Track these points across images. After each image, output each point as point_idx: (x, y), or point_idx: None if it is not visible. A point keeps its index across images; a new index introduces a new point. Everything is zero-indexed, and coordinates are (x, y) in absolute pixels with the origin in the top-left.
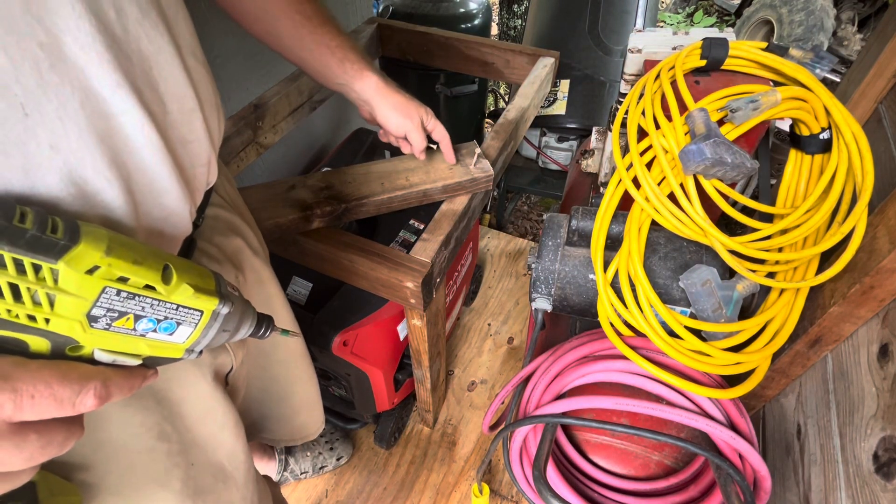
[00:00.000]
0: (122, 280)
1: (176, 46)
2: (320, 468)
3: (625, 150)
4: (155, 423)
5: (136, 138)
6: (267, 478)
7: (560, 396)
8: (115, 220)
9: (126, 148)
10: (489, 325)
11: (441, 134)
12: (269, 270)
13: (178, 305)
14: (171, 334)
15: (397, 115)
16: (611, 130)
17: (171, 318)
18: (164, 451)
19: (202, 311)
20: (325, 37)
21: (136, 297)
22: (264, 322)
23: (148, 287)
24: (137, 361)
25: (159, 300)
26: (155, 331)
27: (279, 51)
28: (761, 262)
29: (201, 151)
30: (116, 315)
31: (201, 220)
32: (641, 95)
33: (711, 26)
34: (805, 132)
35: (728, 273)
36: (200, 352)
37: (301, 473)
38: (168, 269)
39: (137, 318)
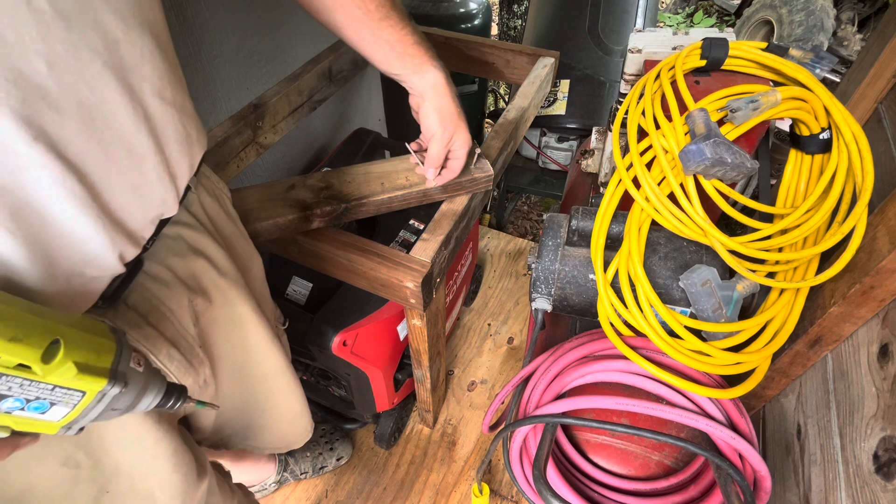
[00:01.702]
0: None
1: (129, 92)
2: (320, 468)
3: (625, 150)
4: (60, 449)
5: (51, 190)
6: (247, 494)
7: (560, 396)
8: (15, 270)
9: (36, 200)
10: (489, 325)
11: (457, 165)
12: (239, 290)
13: (55, 386)
14: (42, 413)
15: (437, 117)
16: (611, 130)
17: (44, 399)
18: (67, 477)
19: (84, 392)
20: (386, 31)
21: (3, 377)
22: (174, 395)
23: (21, 366)
24: (4, 434)
25: (31, 380)
26: (23, 409)
27: (340, 37)
28: (761, 262)
29: (156, 193)
30: None
31: (150, 243)
32: (641, 95)
33: (711, 26)
34: (805, 132)
35: (728, 273)
36: (82, 428)
37: (301, 474)
38: (55, 345)
39: (2, 397)
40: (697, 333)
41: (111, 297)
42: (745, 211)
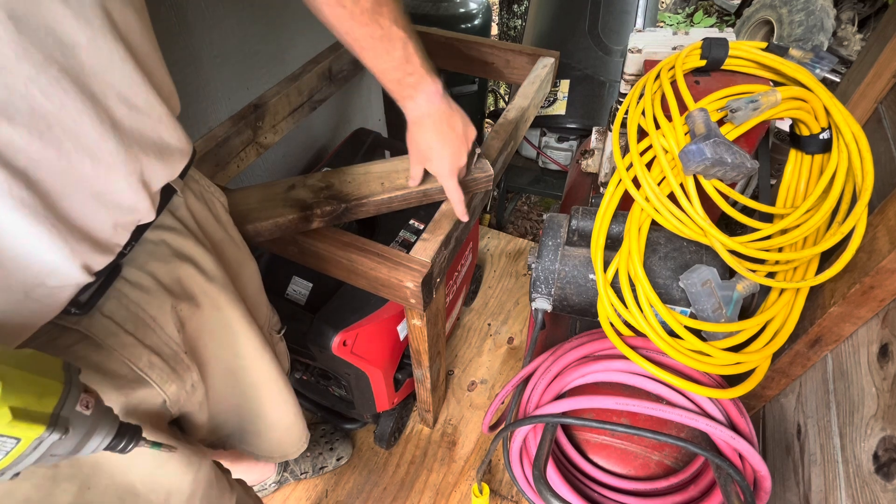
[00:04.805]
0: None
1: (92, 99)
2: (320, 468)
3: (625, 150)
4: None
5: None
6: (247, 489)
7: (560, 396)
8: None
9: None
10: (489, 325)
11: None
12: (228, 296)
13: None
14: None
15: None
16: (611, 130)
17: None
18: (46, 477)
19: (19, 439)
20: (378, 60)
21: None
22: (126, 437)
23: None
24: None
25: None
26: None
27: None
28: (761, 262)
29: (125, 200)
30: None
31: (129, 248)
32: (641, 95)
33: (711, 26)
34: (805, 132)
35: (728, 273)
36: (17, 473)
37: (301, 473)
38: None
39: None
40: (697, 333)
41: (85, 305)
42: (745, 211)
